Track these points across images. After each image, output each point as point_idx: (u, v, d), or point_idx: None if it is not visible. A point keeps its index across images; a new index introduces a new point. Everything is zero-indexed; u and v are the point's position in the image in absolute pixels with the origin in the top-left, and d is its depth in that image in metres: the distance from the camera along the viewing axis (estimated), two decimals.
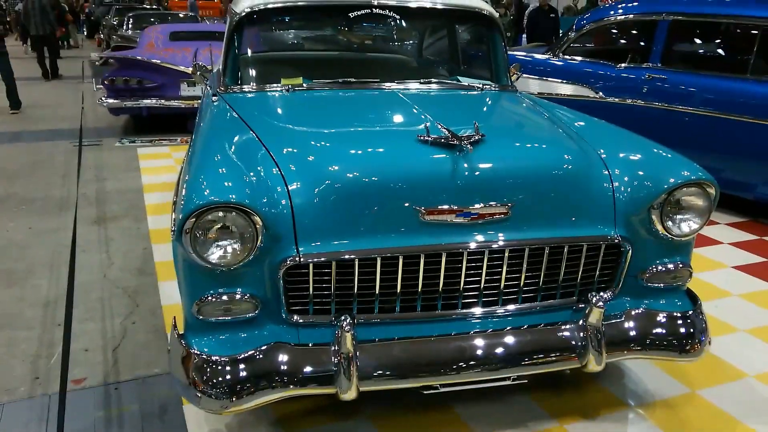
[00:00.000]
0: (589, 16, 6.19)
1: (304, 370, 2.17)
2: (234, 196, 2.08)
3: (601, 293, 2.35)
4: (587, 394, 2.73)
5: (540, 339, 2.33)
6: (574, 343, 2.32)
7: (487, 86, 3.47)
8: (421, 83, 3.38)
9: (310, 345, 2.23)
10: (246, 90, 3.27)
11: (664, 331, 2.42)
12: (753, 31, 4.81)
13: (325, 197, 2.20)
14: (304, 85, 3.27)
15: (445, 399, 2.61)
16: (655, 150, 2.58)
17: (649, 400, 2.71)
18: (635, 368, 2.93)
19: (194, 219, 2.05)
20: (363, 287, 2.27)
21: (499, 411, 2.60)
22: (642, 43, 5.56)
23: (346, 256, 2.19)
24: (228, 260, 2.11)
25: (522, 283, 2.37)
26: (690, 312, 2.46)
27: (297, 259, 2.16)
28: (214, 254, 2.10)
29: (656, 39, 5.31)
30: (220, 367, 2.13)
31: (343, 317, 2.18)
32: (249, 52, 3.60)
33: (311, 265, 2.19)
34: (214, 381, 2.12)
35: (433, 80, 3.46)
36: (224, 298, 2.17)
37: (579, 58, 6.07)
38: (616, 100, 5.55)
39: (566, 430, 2.52)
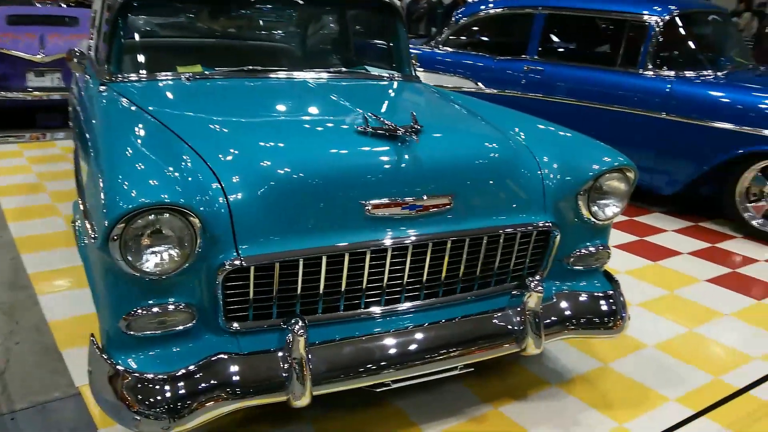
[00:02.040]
0: (464, 9, 6.38)
1: (252, 380, 2.03)
2: (166, 196, 1.88)
3: (536, 278, 2.42)
4: (511, 377, 2.81)
5: (483, 327, 2.36)
6: (515, 327, 2.37)
7: (392, 76, 3.45)
8: (329, 72, 3.29)
9: (254, 353, 2.08)
10: (139, 78, 2.99)
11: (592, 311, 2.54)
12: (620, 26, 5.21)
13: (264, 194, 2.06)
14: (206, 73, 3.05)
15: (383, 395, 2.57)
16: (577, 138, 2.69)
17: (569, 377, 2.85)
18: (550, 348, 3.05)
19: (123, 224, 1.83)
20: (306, 287, 2.16)
21: (436, 401, 2.60)
22: (519, 36, 5.82)
23: (291, 257, 2.07)
24: (164, 268, 1.91)
25: (461, 273, 2.38)
26: (611, 291, 2.61)
27: (238, 262, 2.00)
28: (149, 262, 1.90)
29: (533, 32, 5.58)
30: (158, 386, 1.94)
31: (293, 321, 2.06)
32: (137, 37, 3.30)
33: (252, 268, 2.04)
34: (154, 401, 1.92)
35: (342, 69, 3.38)
36: (157, 310, 1.97)
37: (459, 50, 6.24)
38: (495, 91, 5.78)
39: (501, 412, 2.58)
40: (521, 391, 2.72)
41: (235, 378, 2.01)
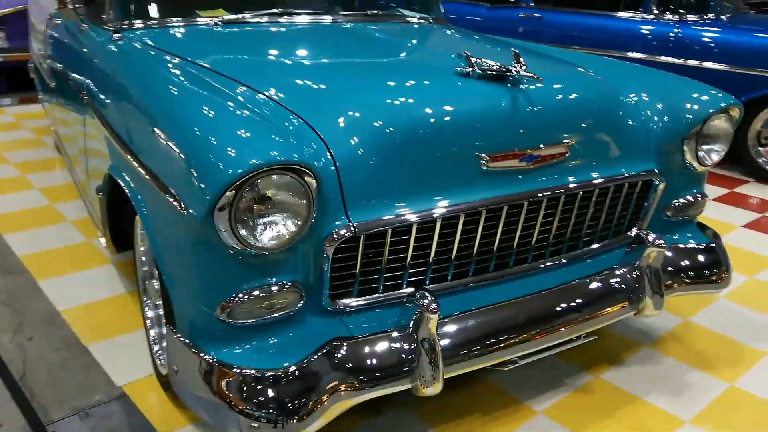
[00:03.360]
0: None
1: (377, 367, 1.71)
2: (277, 153, 1.52)
3: (652, 233, 2.19)
4: (599, 341, 2.59)
5: (606, 288, 2.10)
6: (634, 287, 2.14)
7: (427, 18, 3.12)
8: (366, 16, 2.93)
9: (369, 336, 1.76)
10: (159, 24, 2.55)
11: (699, 264, 2.33)
12: None
13: (371, 150, 1.73)
14: (236, 17, 2.64)
15: (471, 374, 2.30)
16: (676, 79, 2.45)
17: (656, 335, 2.66)
18: None
19: (234, 191, 1.47)
20: (416, 255, 1.85)
21: (530, 374, 2.35)
22: None
23: (404, 222, 1.75)
24: (281, 241, 1.56)
25: (570, 230, 2.12)
26: (713, 243, 2.41)
27: (351, 229, 1.67)
28: (265, 235, 1.54)
29: None
30: (271, 382, 1.60)
31: (419, 295, 1.75)
32: None
33: (362, 237, 1.72)
34: (277, 402, 1.58)
35: (378, 12, 3.01)
36: (262, 292, 1.62)
37: None
38: None
39: (604, 380, 2.37)
40: (616, 356, 2.51)
41: (360, 367, 1.69)
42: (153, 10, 2.67)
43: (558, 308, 2.00)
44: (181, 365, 1.71)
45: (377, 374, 1.71)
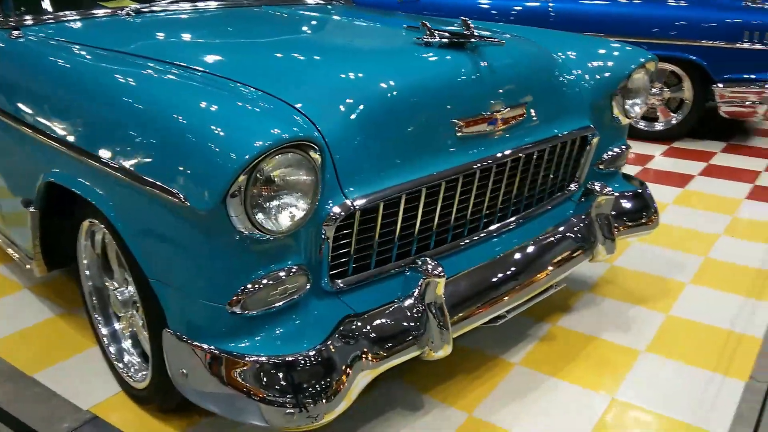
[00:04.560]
0: None
1: (389, 338, 1.73)
2: (278, 131, 1.48)
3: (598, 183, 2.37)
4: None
5: (569, 239, 2.25)
6: (590, 235, 2.30)
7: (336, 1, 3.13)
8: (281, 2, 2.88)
9: (376, 309, 1.77)
10: (57, 19, 2.38)
11: (633, 209, 2.55)
12: None
13: (356, 125, 1.73)
14: (143, 8, 2.50)
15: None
16: (597, 40, 2.64)
17: (592, 281, 2.88)
18: None
19: (246, 176, 1.42)
20: (404, 227, 1.88)
21: (502, 333, 2.45)
22: None
23: (395, 193, 1.77)
24: (297, 221, 1.53)
25: (527, 189, 2.25)
26: (640, 189, 2.64)
27: (349, 206, 1.67)
28: (282, 217, 1.50)
29: None
30: (305, 367, 1.56)
31: (421, 261, 1.78)
32: None
33: (358, 213, 1.72)
34: (303, 387, 1.55)
35: None
36: (276, 277, 1.58)
37: None
38: None
39: (562, 327, 2.54)
40: (564, 304, 2.69)
41: (377, 340, 1.69)
42: (47, 4, 2.48)
43: (533, 262, 2.11)
44: (190, 367, 1.61)
45: (393, 344, 1.72)
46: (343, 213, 1.66)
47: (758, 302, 2.72)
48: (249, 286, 1.54)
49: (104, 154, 1.69)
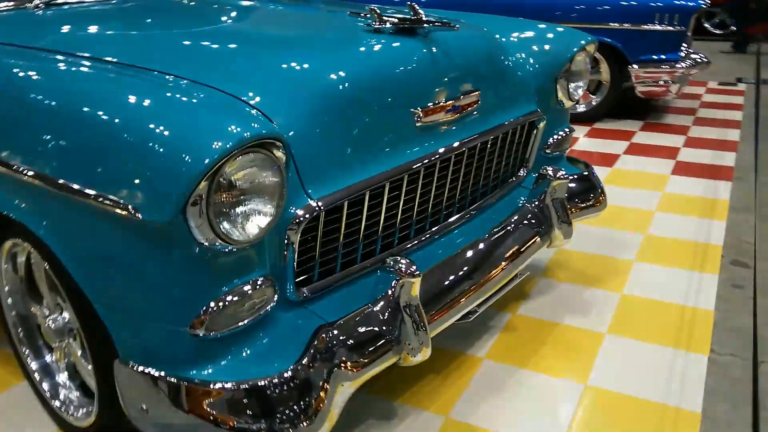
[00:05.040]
0: None
1: (367, 346, 1.60)
2: (238, 129, 1.31)
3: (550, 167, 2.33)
4: None
5: (527, 226, 2.19)
6: (547, 219, 2.26)
7: None
8: None
9: (346, 317, 1.64)
10: None
11: (581, 191, 2.53)
12: None
13: (312, 119, 1.59)
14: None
15: None
16: (537, 24, 2.59)
17: (543, 266, 2.86)
18: None
19: (207, 181, 1.25)
20: (368, 225, 1.76)
21: (464, 328, 2.36)
22: None
23: (359, 190, 1.65)
24: (264, 227, 1.37)
25: (482, 176, 2.18)
26: (586, 171, 2.63)
27: (314, 207, 1.53)
28: (248, 224, 1.34)
29: None
30: (283, 390, 1.41)
31: (392, 261, 1.66)
32: None
33: (323, 214, 1.58)
34: (284, 411, 1.40)
35: None
36: (242, 292, 1.42)
37: None
38: None
39: (523, 315, 2.49)
40: (520, 292, 2.64)
41: (355, 349, 1.55)
42: None
43: (497, 252, 2.04)
44: (150, 400, 1.43)
45: (371, 352, 1.59)
46: (308, 215, 1.52)
47: (702, 275, 2.78)
48: (212, 304, 1.38)
49: (31, 165, 1.47)
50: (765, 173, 4.03)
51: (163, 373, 1.41)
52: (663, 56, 4.91)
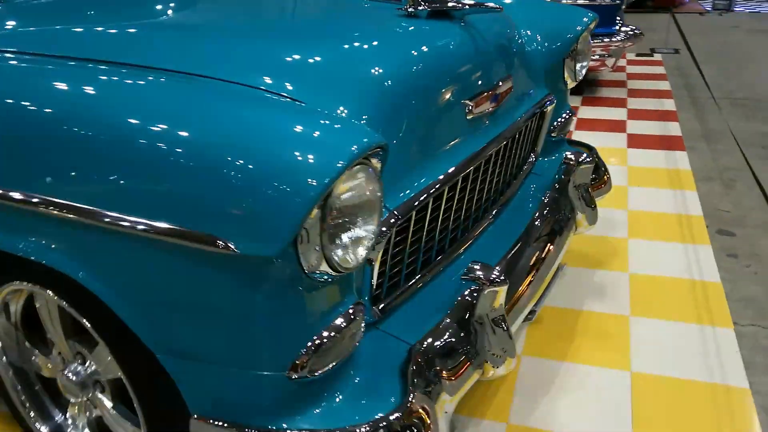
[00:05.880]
0: None
1: (458, 364, 1.45)
2: (348, 141, 1.12)
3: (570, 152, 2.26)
4: None
5: (561, 215, 2.11)
6: (571, 205, 2.19)
7: None
8: None
9: (436, 332, 1.48)
10: None
11: (596, 172, 2.49)
12: None
13: (389, 121, 1.42)
14: None
15: None
16: (541, 3, 2.49)
17: None
18: None
19: (320, 205, 1.07)
20: (430, 229, 1.62)
21: None
22: None
23: (429, 194, 1.50)
24: (369, 248, 1.20)
25: (512, 166, 2.08)
26: (592, 152, 2.59)
27: (393, 218, 1.37)
28: (360, 247, 1.16)
29: None
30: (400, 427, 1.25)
31: (469, 268, 1.52)
32: None
33: (397, 224, 1.42)
34: None
35: None
36: (342, 322, 1.23)
37: None
38: None
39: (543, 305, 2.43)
40: None
41: (445, 370, 1.41)
42: None
43: (539, 246, 1.94)
44: None
45: (462, 366, 1.45)
46: (389, 228, 1.36)
47: (696, 247, 2.83)
48: (315, 341, 1.19)
49: (74, 197, 1.19)
50: (712, 140, 4.20)
51: (259, 426, 1.21)
52: (599, 30, 4.99)
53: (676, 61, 6.64)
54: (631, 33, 5.10)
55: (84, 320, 1.37)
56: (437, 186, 1.52)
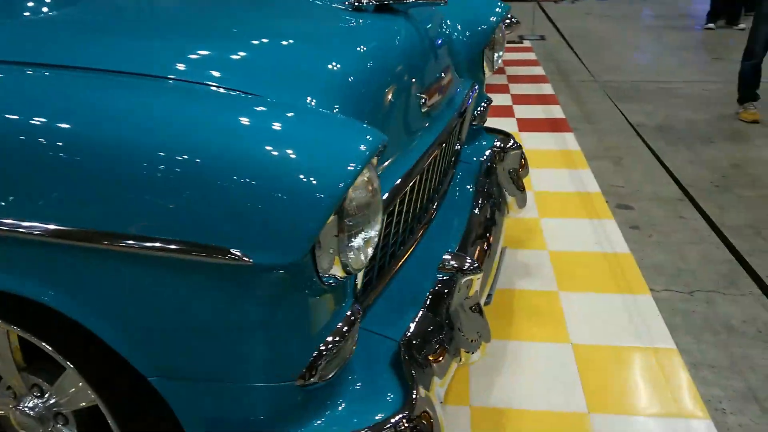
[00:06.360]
0: None
1: (438, 352, 1.47)
2: (358, 143, 1.09)
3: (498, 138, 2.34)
4: None
5: (495, 201, 2.18)
6: (500, 190, 2.27)
7: None
8: None
9: (420, 322, 1.49)
10: None
11: (517, 161, 2.59)
12: None
13: (371, 120, 1.41)
14: None
15: None
16: None
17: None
18: None
19: (336, 214, 1.04)
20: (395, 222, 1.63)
21: None
22: None
23: (403, 185, 1.51)
24: (374, 248, 1.18)
25: (448, 156, 2.13)
26: (510, 138, 2.69)
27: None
28: (369, 247, 1.14)
29: None
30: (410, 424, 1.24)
31: (450, 258, 1.54)
32: None
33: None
34: None
35: None
36: (345, 325, 1.21)
37: None
38: None
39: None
40: None
41: (430, 362, 1.42)
42: None
43: (484, 234, 2.00)
44: None
45: (440, 358, 1.47)
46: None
47: (602, 221, 3.04)
48: (325, 346, 1.16)
49: (56, 220, 1.06)
50: (593, 121, 4.52)
51: None
52: None
53: (544, 47, 7.05)
54: (508, 22, 5.33)
55: (48, 347, 1.24)
56: (407, 179, 1.52)
